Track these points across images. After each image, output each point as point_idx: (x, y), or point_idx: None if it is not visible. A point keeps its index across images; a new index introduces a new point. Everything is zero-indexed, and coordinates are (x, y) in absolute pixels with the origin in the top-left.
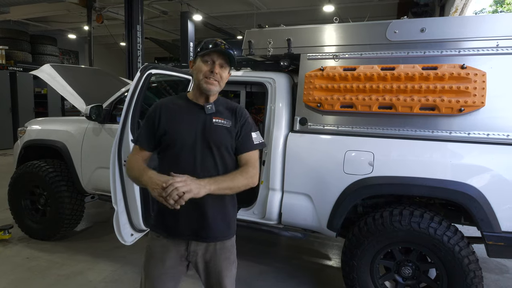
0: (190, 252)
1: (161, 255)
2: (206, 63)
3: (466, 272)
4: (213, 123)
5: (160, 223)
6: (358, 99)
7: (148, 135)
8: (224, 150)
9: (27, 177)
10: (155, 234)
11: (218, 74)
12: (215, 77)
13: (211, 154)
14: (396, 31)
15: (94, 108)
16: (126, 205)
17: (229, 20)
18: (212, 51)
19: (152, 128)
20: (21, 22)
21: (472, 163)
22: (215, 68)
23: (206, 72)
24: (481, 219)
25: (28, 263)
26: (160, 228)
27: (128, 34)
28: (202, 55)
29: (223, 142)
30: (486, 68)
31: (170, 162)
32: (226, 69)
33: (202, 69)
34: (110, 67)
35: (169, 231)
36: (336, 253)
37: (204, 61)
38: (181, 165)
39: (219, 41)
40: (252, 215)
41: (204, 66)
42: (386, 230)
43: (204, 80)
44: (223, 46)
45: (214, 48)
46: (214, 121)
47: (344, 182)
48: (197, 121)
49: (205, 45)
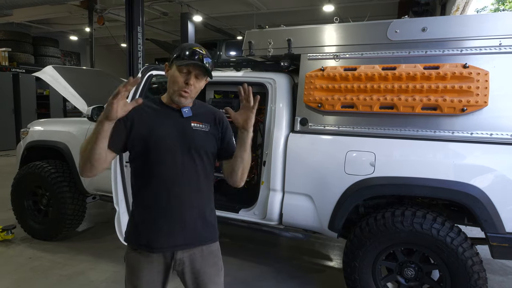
0: (176, 261)
1: (145, 267)
2: (181, 72)
3: (470, 273)
4: (191, 127)
5: (138, 237)
6: (359, 99)
7: (116, 136)
8: (204, 155)
9: (29, 178)
10: (133, 247)
11: (192, 86)
12: (189, 89)
13: (191, 159)
14: (397, 31)
15: (95, 109)
16: (127, 205)
17: (229, 20)
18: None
19: (123, 130)
20: (23, 24)
21: (475, 163)
22: (190, 79)
23: (181, 85)
24: (484, 220)
25: (30, 263)
26: (138, 242)
27: (129, 36)
28: (179, 64)
29: (203, 147)
30: (488, 67)
31: (148, 168)
32: (202, 80)
33: (177, 81)
34: (111, 68)
35: (150, 245)
36: (338, 254)
37: (179, 70)
38: (162, 170)
39: (197, 49)
40: (253, 216)
41: (179, 77)
42: (388, 231)
43: (177, 93)
44: (201, 57)
45: (191, 61)
46: (192, 125)
47: (346, 182)
48: (176, 125)
49: (183, 53)
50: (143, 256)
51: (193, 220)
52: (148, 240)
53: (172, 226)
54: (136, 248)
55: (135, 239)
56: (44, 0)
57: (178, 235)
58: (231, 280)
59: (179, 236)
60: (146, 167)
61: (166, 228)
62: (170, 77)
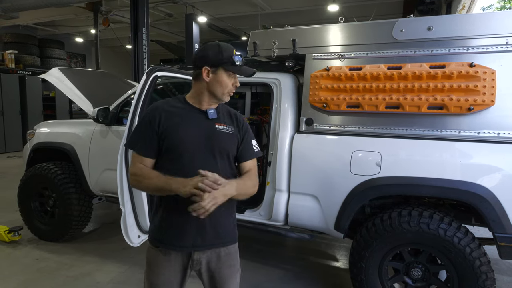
0: (194, 261)
1: (163, 265)
2: (230, 76)
3: (477, 274)
4: (216, 129)
5: (160, 235)
6: (364, 99)
7: (150, 141)
8: (225, 157)
9: (36, 179)
10: (154, 246)
11: (237, 86)
12: (234, 90)
13: (213, 161)
14: (403, 30)
15: (101, 110)
16: (133, 206)
17: (234, 21)
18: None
19: (154, 133)
20: (30, 27)
21: (483, 163)
22: (237, 82)
23: (230, 88)
24: (492, 220)
25: (37, 264)
26: (160, 241)
27: (134, 37)
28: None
29: (226, 149)
30: (495, 66)
31: (173, 168)
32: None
33: (227, 84)
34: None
35: (172, 244)
36: (344, 254)
37: (229, 75)
38: (186, 171)
39: (238, 53)
40: (259, 216)
41: (228, 80)
42: (394, 231)
43: (227, 94)
44: (244, 61)
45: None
46: (217, 127)
47: (351, 182)
48: (201, 127)
49: (232, 59)
50: (162, 254)
51: (214, 221)
52: (169, 239)
53: (193, 227)
54: (158, 246)
55: (156, 237)
56: (50, 3)
57: (199, 235)
58: None
59: (199, 237)
60: (171, 168)
61: (188, 228)
62: (216, 81)
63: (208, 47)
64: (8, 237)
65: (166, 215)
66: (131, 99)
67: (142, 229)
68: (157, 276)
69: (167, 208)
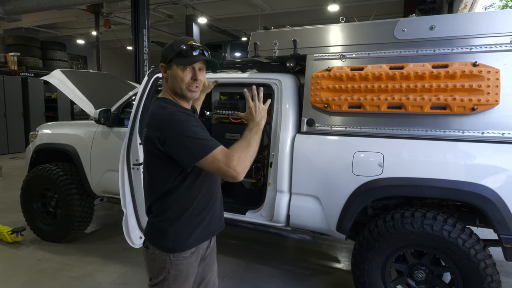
0: (210, 246)
1: (194, 265)
2: (185, 70)
3: (482, 276)
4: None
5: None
6: (366, 99)
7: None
8: None
9: (38, 180)
10: (190, 252)
11: (199, 80)
12: (197, 84)
13: None
14: (405, 30)
15: (102, 112)
16: (135, 208)
17: (234, 22)
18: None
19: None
20: (32, 29)
21: (487, 163)
22: (198, 75)
23: (189, 82)
24: (497, 221)
25: (40, 265)
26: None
27: (134, 38)
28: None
29: None
30: (499, 65)
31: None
32: (204, 71)
33: (184, 78)
34: (117, 71)
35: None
36: (346, 256)
37: (183, 68)
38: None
39: (194, 43)
40: (260, 217)
41: (185, 75)
42: (397, 232)
43: (187, 89)
44: (201, 51)
45: (198, 59)
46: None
47: (353, 183)
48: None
49: (185, 52)
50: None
51: (220, 208)
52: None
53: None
54: (194, 249)
55: (197, 237)
56: (52, 5)
57: (218, 222)
58: (238, 282)
59: (218, 223)
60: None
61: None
62: (173, 76)
63: (166, 44)
64: (11, 237)
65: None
66: (133, 100)
67: (143, 230)
68: (189, 283)
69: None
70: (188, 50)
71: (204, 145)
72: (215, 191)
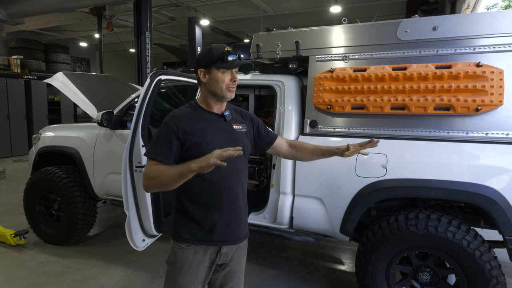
0: (222, 254)
1: (193, 263)
2: (225, 73)
3: (488, 278)
4: (234, 130)
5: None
6: (369, 101)
7: (170, 148)
8: (247, 154)
9: (41, 183)
10: (186, 245)
11: (237, 81)
12: (234, 85)
13: (239, 160)
14: (407, 30)
15: (105, 114)
16: (137, 210)
17: (236, 23)
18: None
19: (175, 140)
20: (35, 32)
21: (491, 164)
22: (235, 77)
23: (229, 83)
24: (502, 222)
25: (43, 268)
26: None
27: (137, 41)
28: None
29: (247, 146)
30: (503, 65)
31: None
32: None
33: (224, 80)
34: (120, 74)
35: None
36: (349, 258)
37: (223, 71)
38: (219, 174)
39: (232, 50)
40: (263, 219)
41: (225, 77)
42: (401, 234)
43: (227, 90)
44: (239, 56)
45: (238, 64)
46: (235, 128)
47: (357, 185)
48: (224, 131)
49: (225, 57)
50: (193, 252)
51: (241, 217)
52: (207, 235)
53: (228, 223)
54: (190, 244)
55: (187, 235)
56: (55, 8)
57: (231, 230)
58: None
59: (232, 232)
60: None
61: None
62: (212, 80)
63: (202, 51)
64: (14, 240)
65: (199, 212)
66: (135, 102)
67: (146, 233)
68: (184, 275)
69: (204, 207)
70: (227, 56)
71: (150, 147)
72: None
